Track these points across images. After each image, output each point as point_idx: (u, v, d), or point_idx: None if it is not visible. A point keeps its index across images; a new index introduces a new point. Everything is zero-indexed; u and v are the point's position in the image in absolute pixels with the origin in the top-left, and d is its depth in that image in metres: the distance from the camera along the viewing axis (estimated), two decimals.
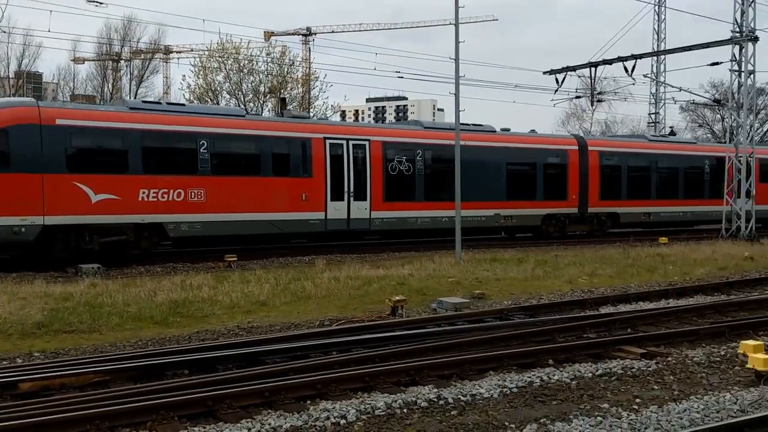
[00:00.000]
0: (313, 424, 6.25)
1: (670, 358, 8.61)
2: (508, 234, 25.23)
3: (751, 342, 8.34)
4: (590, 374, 7.93)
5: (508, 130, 25.40)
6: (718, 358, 8.71)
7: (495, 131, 24.60)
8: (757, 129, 60.59)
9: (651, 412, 6.54)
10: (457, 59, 17.73)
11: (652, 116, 41.50)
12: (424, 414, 6.59)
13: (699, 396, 7.10)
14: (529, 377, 7.75)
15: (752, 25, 23.56)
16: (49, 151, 15.85)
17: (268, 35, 60.03)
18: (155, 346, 9.27)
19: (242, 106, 33.28)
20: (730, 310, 11.83)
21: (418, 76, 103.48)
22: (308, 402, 6.86)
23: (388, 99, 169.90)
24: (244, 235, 19.03)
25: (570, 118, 59.05)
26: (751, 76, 24.17)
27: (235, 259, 17.32)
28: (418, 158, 21.54)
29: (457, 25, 17.53)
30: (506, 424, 6.27)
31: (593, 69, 27.78)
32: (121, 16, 62.68)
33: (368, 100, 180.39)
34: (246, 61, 33.21)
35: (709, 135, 62.79)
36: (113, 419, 6.07)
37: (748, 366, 7.85)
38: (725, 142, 28.38)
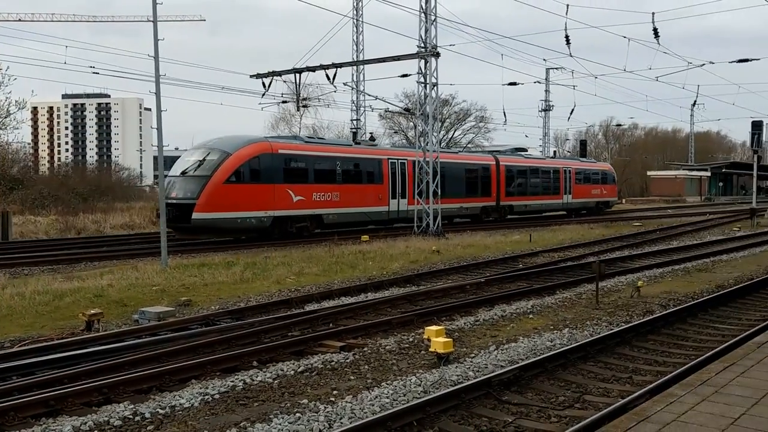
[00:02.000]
0: None
1: (366, 349, 9.19)
2: (448, 220, 32.74)
3: (434, 327, 9.21)
4: (293, 372, 8.12)
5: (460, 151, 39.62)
6: (407, 345, 9.50)
7: (457, 152, 37.59)
8: (443, 136, 67.94)
9: (346, 402, 6.89)
10: (156, 57, 16.99)
11: (354, 122, 44.07)
12: None
13: (389, 382, 7.67)
14: (233, 381, 7.69)
15: (434, 41, 26.24)
16: (275, 169, 24.28)
17: None
18: None
19: None
20: (419, 299, 13.01)
21: (119, 73, 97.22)
22: None
23: (88, 96, 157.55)
24: (351, 222, 27.85)
25: (279, 122, 60.33)
26: (435, 87, 26.93)
27: None
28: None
29: (155, 21, 16.80)
30: None
31: (298, 75, 28.68)
32: None
33: (65, 97, 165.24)
34: None
35: (404, 141, 68.65)
36: None
37: (431, 350, 8.67)
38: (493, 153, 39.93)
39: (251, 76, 30.22)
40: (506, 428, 6.36)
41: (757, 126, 32.14)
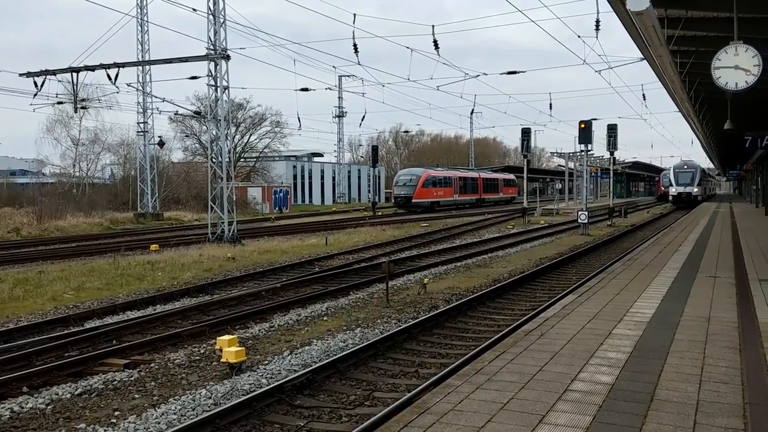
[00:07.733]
0: None
1: (153, 365, 8.73)
2: (458, 208, 58.17)
3: (226, 337, 8.98)
4: (69, 395, 7.51)
5: (483, 169, 77.74)
6: (198, 357, 9.18)
7: (466, 170, 68.50)
8: (239, 140, 66.75)
9: (129, 422, 6.50)
10: None
11: (141, 125, 41.90)
12: None
13: (178, 397, 7.35)
14: None
15: (224, 44, 25.71)
16: (430, 183, 54.85)
17: None
18: None
19: None
20: (213, 309, 12.63)
21: None
22: None
23: None
24: (445, 206, 56.59)
25: (56, 124, 55.45)
26: (227, 90, 26.40)
27: None
28: (485, 182, 67.14)
29: None
30: None
31: (75, 74, 26.59)
32: None
33: None
34: None
35: (197, 145, 66.41)
36: None
37: (223, 360, 8.45)
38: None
39: (21, 75, 27.52)
40: None
41: (526, 132, 35.28)
